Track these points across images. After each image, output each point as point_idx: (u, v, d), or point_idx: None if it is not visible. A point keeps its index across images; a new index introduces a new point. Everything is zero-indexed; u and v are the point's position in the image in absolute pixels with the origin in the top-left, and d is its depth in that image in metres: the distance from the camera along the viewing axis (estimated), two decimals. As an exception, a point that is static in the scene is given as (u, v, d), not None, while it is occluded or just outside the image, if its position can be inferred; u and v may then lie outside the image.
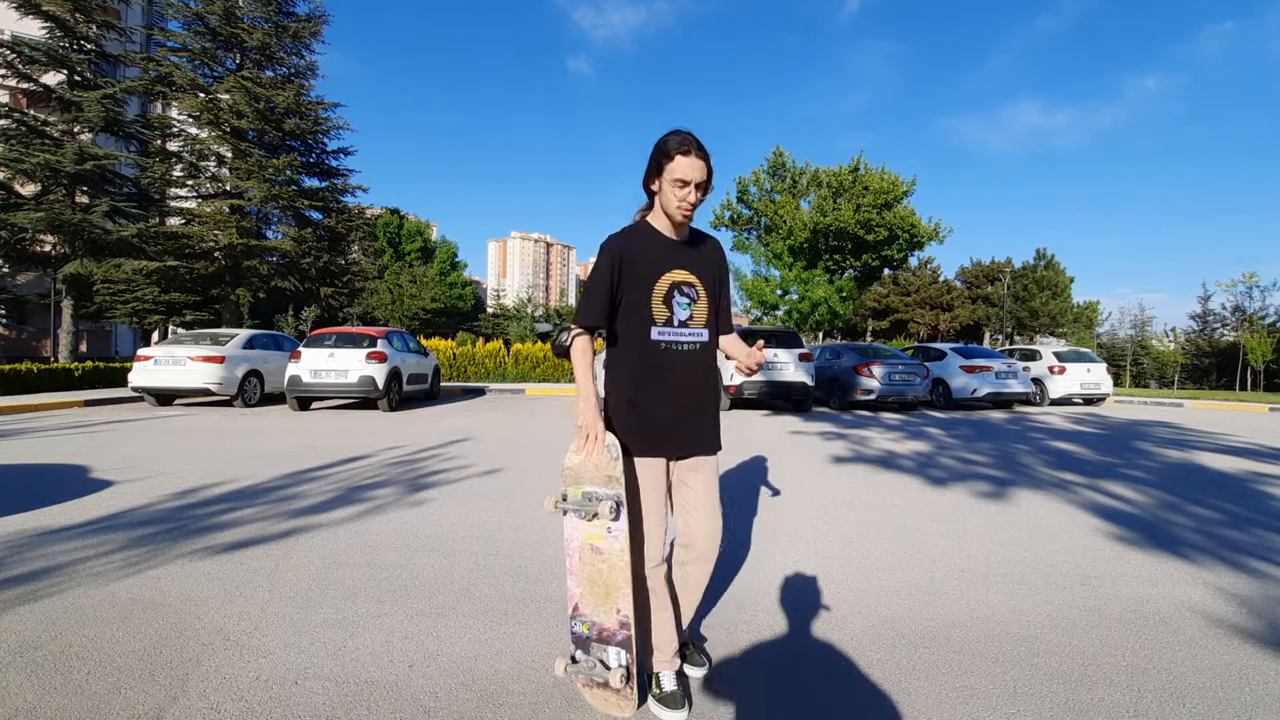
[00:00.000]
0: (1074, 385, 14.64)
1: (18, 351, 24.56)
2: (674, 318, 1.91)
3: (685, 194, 1.83)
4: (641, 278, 1.88)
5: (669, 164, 1.82)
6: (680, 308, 1.92)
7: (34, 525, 3.67)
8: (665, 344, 1.90)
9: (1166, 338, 47.77)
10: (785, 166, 30.35)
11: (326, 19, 19.26)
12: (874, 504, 4.60)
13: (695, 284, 1.95)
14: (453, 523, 3.89)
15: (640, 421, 1.90)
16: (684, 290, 1.92)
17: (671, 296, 1.90)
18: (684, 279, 1.93)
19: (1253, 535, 3.88)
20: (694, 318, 1.94)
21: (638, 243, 1.91)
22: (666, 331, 1.90)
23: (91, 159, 17.43)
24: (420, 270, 49.93)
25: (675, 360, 1.91)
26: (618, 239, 1.92)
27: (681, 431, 1.93)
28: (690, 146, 1.81)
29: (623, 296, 1.89)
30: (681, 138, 1.83)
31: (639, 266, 1.88)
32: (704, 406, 1.97)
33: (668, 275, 1.91)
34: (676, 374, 1.91)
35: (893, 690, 2.02)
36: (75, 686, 1.95)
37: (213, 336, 11.43)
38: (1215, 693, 2.03)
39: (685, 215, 1.87)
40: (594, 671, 1.85)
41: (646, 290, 1.88)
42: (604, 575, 1.84)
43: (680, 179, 1.82)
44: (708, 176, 1.86)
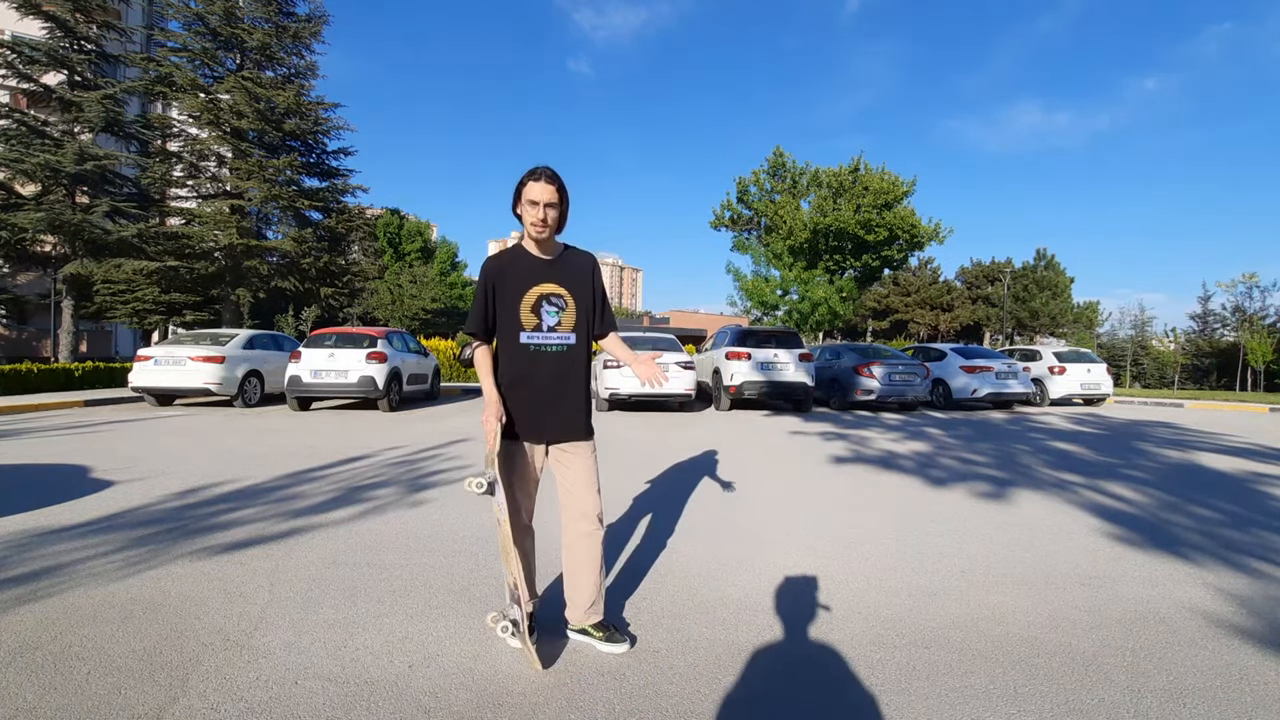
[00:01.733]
0: (1074, 385, 14.64)
1: (18, 351, 24.57)
2: (543, 324, 2.24)
3: (535, 213, 2.15)
4: (512, 292, 2.23)
5: (524, 190, 2.16)
6: (549, 315, 2.25)
7: (34, 525, 3.67)
8: (534, 346, 2.24)
9: (1166, 338, 47.79)
10: (785, 167, 30.36)
11: (327, 19, 19.25)
12: (874, 504, 4.60)
13: (564, 295, 2.27)
14: (453, 523, 3.89)
15: (515, 411, 2.23)
16: (552, 300, 2.25)
17: (540, 306, 2.24)
18: (552, 291, 2.25)
19: (1253, 535, 3.88)
20: (562, 323, 2.26)
21: (510, 263, 2.27)
22: (535, 336, 2.24)
23: (91, 159, 17.43)
24: (420, 270, 49.93)
25: (544, 359, 2.24)
26: (493, 261, 2.29)
27: (551, 420, 2.25)
28: (540, 174, 2.16)
29: (498, 308, 2.24)
30: (533, 168, 2.18)
31: (510, 283, 2.24)
32: (571, 398, 2.28)
33: (536, 289, 2.24)
34: (545, 371, 2.24)
35: (893, 691, 2.02)
36: (75, 686, 1.96)
37: (213, 336, 11.43)
38: (1215, 693, 2.03)
39: (538, 232, 2.19)
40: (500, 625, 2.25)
41: (516, 302, 2.23)
42: (500, 541, 2.24)
43: (531, 200, 2.15)
44: (558, 199, 2.17)
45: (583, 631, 2.30)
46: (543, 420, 2.25)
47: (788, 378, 11.50)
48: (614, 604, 2.68)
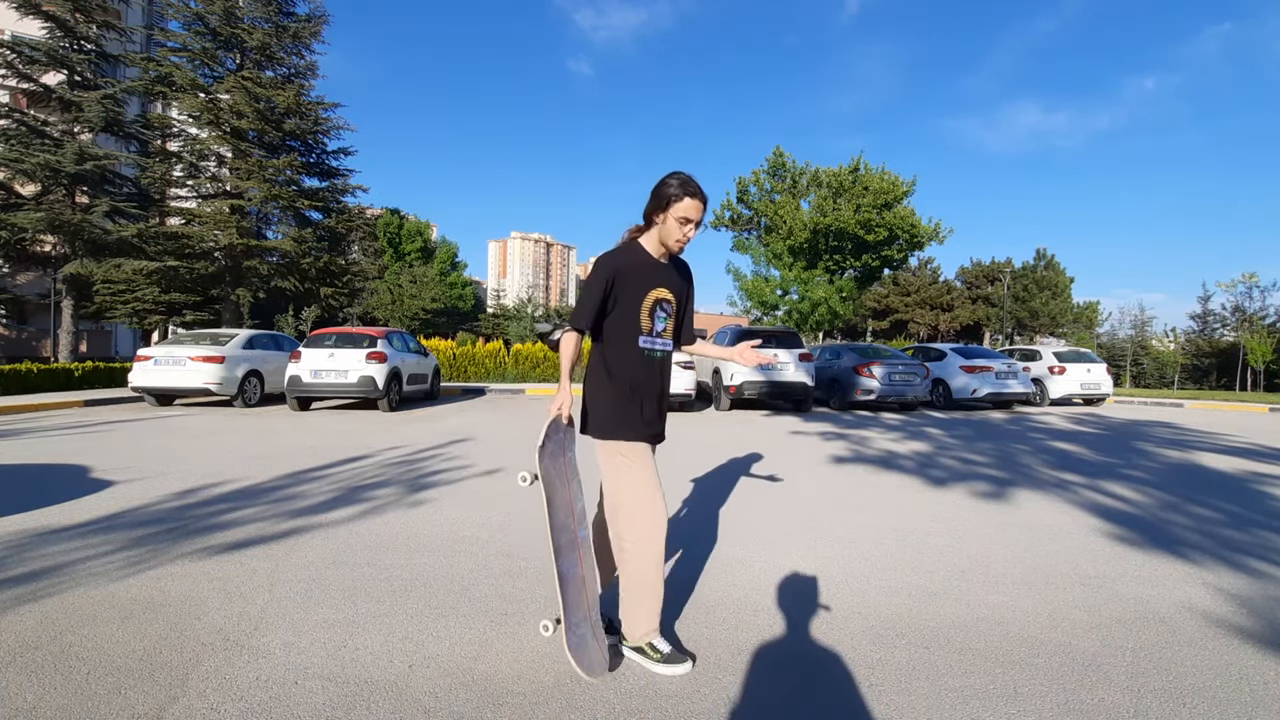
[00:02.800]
0: (1074, 385, 14.63)
1: (18, 351, 24.56)
2: (654, 328, 2.22)
3: (687, 230, 2.14)
4: (634, 292, 2.17)
5: (677, 203, 2.10)
6: (659, 320, 2.23)
7: (34, 525, 3.67)
8: (647, 350, 2.21)
9: (1166, 338, 47.77)
10: (785, 167, 30.35)
11: (326, 19, 19.25)
12: (874, 504, 4.60)
13: (672, 301, 2.26)
14: (453, 523, 3.89)
15: (634, 413, 2.19)
16: (663, 306, 2.24)
17: (655, 311, 2.21)
18: (664, 296, 2.23)
19: (1253, 535, 3.88)
20: (667, 329, 2.27)
21: (631, 261, 2.20)
22: (647, 340, 2.21)
23: (91, 159, 17.43)
24: (420, 270, 49.94)
25: (652, 364, 2.23)
26: (614, 257, 2.20)
27: (657, 422, 2.27)
28: (696, 190, 2.11)
29: (615, 307, 2.17)
30: (686, 180, 2.11)
31: (631, 282, 2.17)
32: (665, 403, 2.32)
33: (654, 292, 2.20)
34: (653, 375, 2.23)
35: (893, 691, 2.02)
36: (75, 686, 1.96)
37: (213, 336, 11.42)
38: (1215, 693, 2.03)
39: (681, 248, 2.20)
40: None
41: (637, 304, 2.17)
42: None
43: (685, 217, 2.11)
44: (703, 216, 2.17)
45: (639, 650, 2.20)
46: (654, 422, 2.25)
47: (788, 378, 11.50)
48: (613, 604, 2.67)
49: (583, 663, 2.00)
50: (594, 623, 2.15)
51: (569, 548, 2.15)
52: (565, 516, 2.18)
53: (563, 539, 2.13)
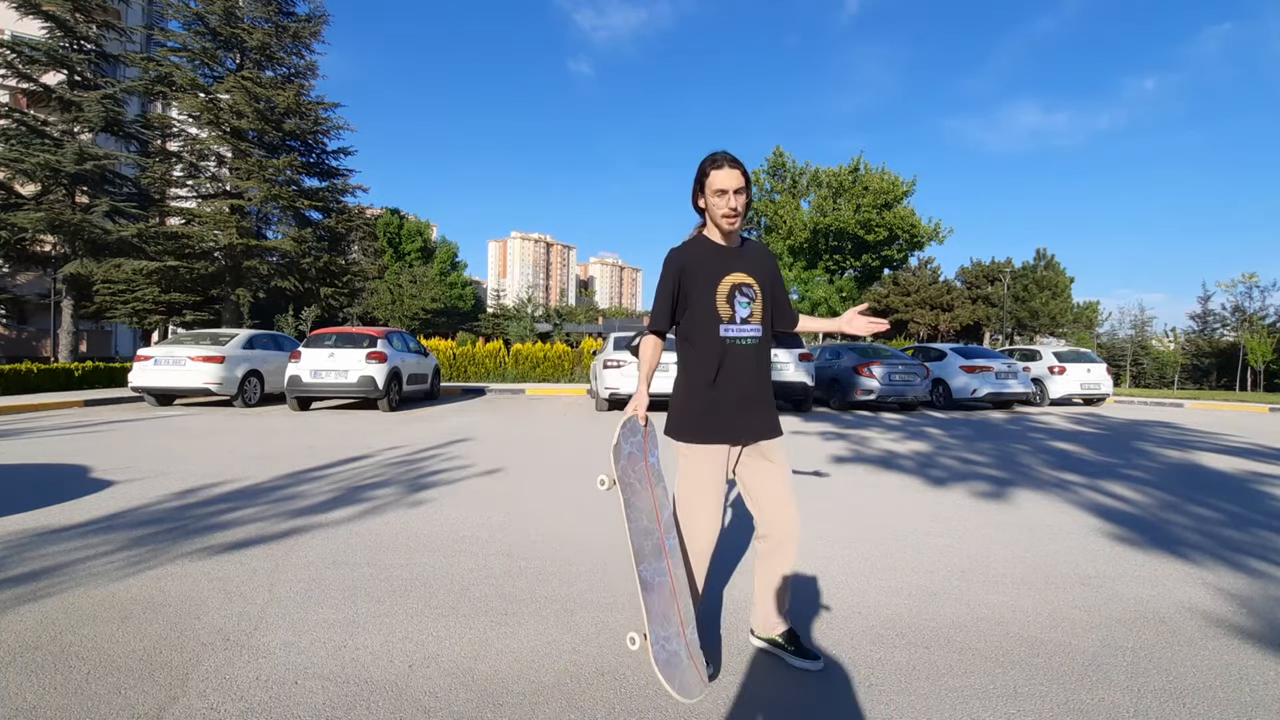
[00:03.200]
0: (1074, 385, 14.64)
1: (18, 351, 24.57)
2: (736, 315, 2.10)
3: (725, 201, 2.03)
4: (705, 282, 2.09)
5: (707, 180, 2.04)
6: (741, 306, 2.11)
7: (34, 525, 3.67)
8: (730, 339, 2.09)
9: (1166, 338, 47.77)
10: (785, 167, 30.36)
11: (326, 19, 19.26)
12: (874, 504, 4.60)
13: (753, 285, 2.14)
14: (453, 523, 3.89)
15: (703, 412, 2.09)
16: (744, 291, 2.12)
17: (733, 297, 2.10)
18: (743, 280, 2.12)
19: (1253, 535, 3.88)
20: (753, 315, 2.13)
21: (697, 252, 2.13)
22: (731, 328, 2.09)
23: (91, 159, 17.43)
24: (420, 270, 49.96)
25: (739, 354, 2.09)
26: (679, 252, 2.14)
27: (748, 419, 2.11)
28: (722, 160, 2.03)
29: (690, 300, 2.10)
30: (713, 155, 2.05)
31: (702, 272, 2.10)
32: (764, 395, 2.16)
33: (728, 278, 2.10)
34: (740, 366, 2.10)
35: (893, 691, 2.02)
36: (75, 686, 1.95)
37: (213, 336, 11.43)
38: (1215, 693, 2.03)
39: (730, 221, 2.06)
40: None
41: (710, 293, 2.08)
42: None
43: (719, 189, 2.03)
44: (745, 183, 2.05)
45: (771, 641, 2.21)
46: (743, 420, 2.10)
47: (787, 377, 11.50)
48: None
49: (672, 680, 1.89)
50: (689, 639, 2.01)
51: (653, 554, 2.05)
52: (649, 521, 2.08)
53: (645, 544, 2.04)
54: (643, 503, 2.10)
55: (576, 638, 2.36)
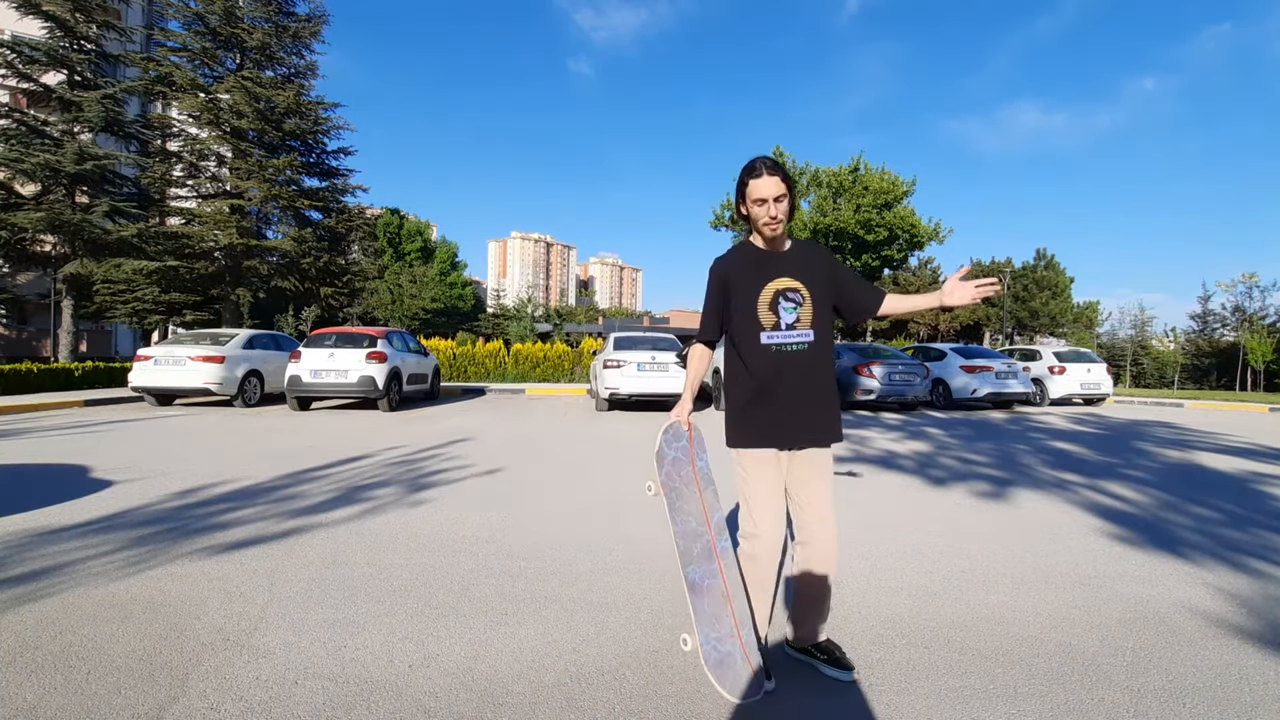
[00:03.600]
0: (1074, 385, 14.64)
1: (18, 351, 24.56)
2: (781, 322, 2.07)
3: (765, 210, 2.03)
4: (747, 290, 2.10)
5: (747, 189, 2.05)
6: (786, 312, 2.08)
7: (34, 525, 3.67)
8: (775, 346, 2.07)
9: (1166, 338, 47.77)
10: (785, 167, 30.34)
11: (326, 19, 19.24)
12: (874, 504, 4.60)
13: (800, 289, 2.09)
14: (453, 523, 3.89)
15: (753, 418, 2.09)
16: (789, 296, 2.08)
17: (777, 303, 2.08)
18: (788, 286, 2.09)
19: (1253, 535, 3.88)
20: (800, 320, 2.08)
21: (740, 260, 2.14)
22: (775, 335, 2.07)
23: (91, 159, 17.42)
24: (420, 270, 49.99)
25: (786, 360, 2.07)
26: (722, 261, 2.17)
27: (794, 425, 2.08)
28: (760, 168, 2.02)
29: (734, 309, 2.12)
30: (751, 163, 2.05)
31: (745, 280, 2.11)
32: (815, 401, 2.10)
33: (771, 284, 2.08)
34: (789, 373, 2.06)
35: (893, 690, 2.02)
36: (75, 686, 1.96)
37: (213, 336, 11.43)
38: (1215, 693, 2.03)
39: (772, 230, 2.06)
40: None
41: (753, 300, 2.09)
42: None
43: (759, 198, 2.03)
44: (787, 190, 2.03)
45: (805, 651, 2.19)
46: (789, 425, 2.07)
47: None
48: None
49: (724, 681, 1.91)
50: (744, 640, 2.01)
51: (703, 556, 2.06)
52: (697, 524, 2.11)
53: (694, 546, 2.06)
54: (690, 506, 2.12)
55: (576, 638, 2.36)
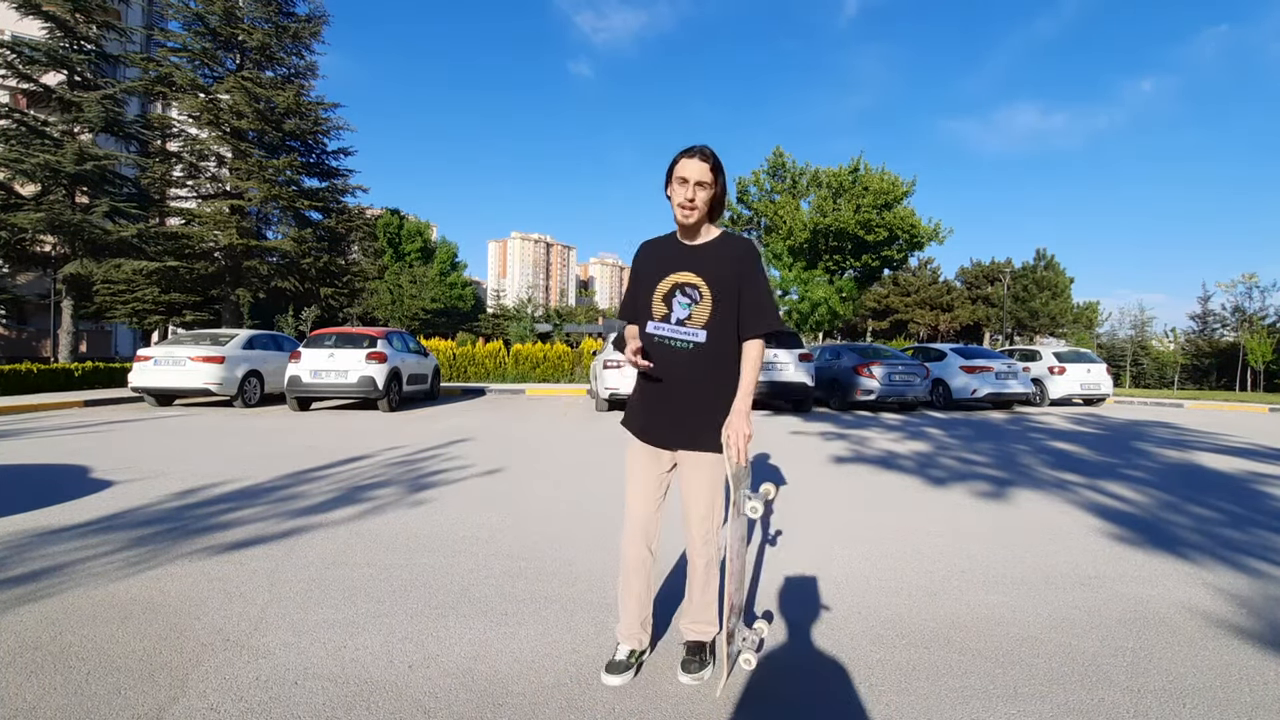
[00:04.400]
0: (1074, 386, 14.64)
1: (18, 351, 24.56)
2: (672, 315, 2.02)
3: (684, 191, 1.95)
4: (652, 276, 2.08)
5: (675, 167, 1.98)
6: (680, 307, 2.01)
7: (34, 525, 3.67)
8: (659, 338, 2.03)
9: (1166, 338, 47.77)
10: (785, 167, 30.37)
11: (326, 19, 19.25)
12: (874, 504, 4.60)
13: (699, 286, 2.00)
14: (453, 523, 3.89)
15: (637, 408, 2.12)
16: (685, 291, 2.01)
17: (672, 296, 2.03)
18: (687, 280, 2.01)
19: (1253, 535, 3.88)
20: (693, 318, 2.00)
21: (656, 247, 2.14)
22: (662, 327, 2.03)
23: (91, 159, 17.42)
24: (420, 270, 49.97)
25: (670, 356, 2.02)
26: (645, 245, 2.17)
27: (671, 424, 2.04)
28: (694, 151, 1.97)
29: (639, 294, 2.12)
30: (689, 147, 1.99)
31: (651, 267, 2.10)
32: (695, 403, 2.00)
33: (672, 276, 2.04)
34: (670, 369, 2.02)
35: (893, 691, 2.02)
36: (75, 686, 1.95)
37: (213, 337, 11.43)
38: (1215, 693, 2.03)
39: (686, 214, 1.98)
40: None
41: (651, 289, 2.07)
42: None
43: (681, 176, 1.95)
44: (712, 180, 1.96)
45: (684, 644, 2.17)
46: (666, 424, 2.03)
47: (788, 378, 11.50)
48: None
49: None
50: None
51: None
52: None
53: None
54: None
55: (576, 638, 2.36)
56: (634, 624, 2.10)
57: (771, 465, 6.14)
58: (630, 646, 2.10)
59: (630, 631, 2.10)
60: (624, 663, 2.06)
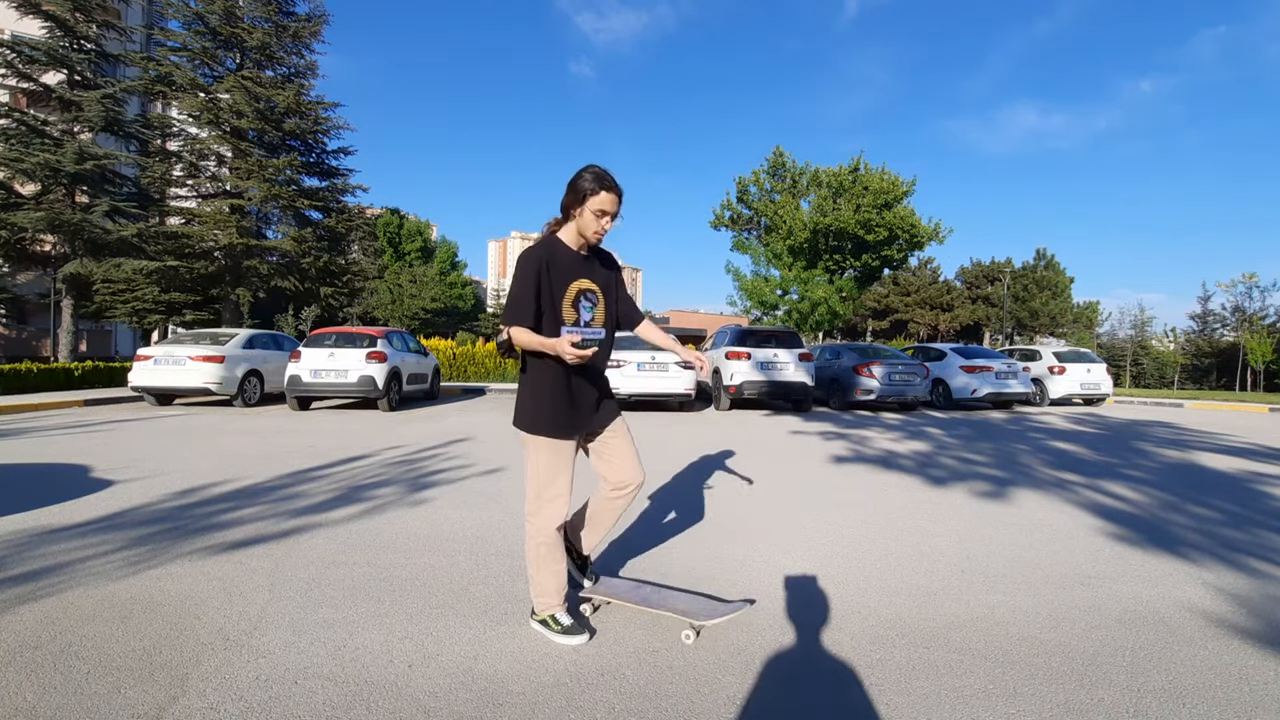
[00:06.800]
0: (1074, 385, 14.64)
1: (18, 351, 24.55)
2: (580, 319, 2.30)
3: (603, 223, 2.25)
4: (556, 284, 2.25)
5: (593, 197, 2.20)
6: (585, 310, 2.31)
7: (34, 525, 3.67)
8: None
9: (1166, 338, 47.78)
10: (785, 166, 30.35)
11: (326, 19, 19.25)
12: (874, 504, 4.60)
13: (596, 291, 2.34)
14: (453, 523, 3.89)
15: (565, 407, 2.29)
16: (588, 296, 2.32)
17: (579, 301, 2.29)
18: (588, 287, 2.32)
19: (1252, 535, 3.88)
20: (595, 318, 2.34)
21: (554, 255, 2.27)
22: (575, 330, 2.27)
23: (91, 159, 17.41)
24: (420, 270, 49.93)
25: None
26: (538, 251, 2.26)
27: (594, 411, 2.39)
28: (611, 184, 2.21)
29: (543, 300, 2.24)
30: (602, 174, 2.22)
31: (554, 275, 2.25)
32: (604, 389, 2.45)
33: (575, 284, 2.28)
34: (588, 365, 2.29)
35: (893, 690, 2.02)
36: (75, 686, 1.95)
37: (213, 336, 11.42)
38: (1215, 693, 2.03)
39: (599, 239, 2.31)
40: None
41: (559, 295, 2.25)
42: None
43: (601, 209, 2.21)
44: (618, 210, 2.27)
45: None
46: (590, 412, 2.37)
47: (788, 377, 11.50)
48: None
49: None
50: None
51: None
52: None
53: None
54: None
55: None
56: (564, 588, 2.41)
57: (771, 465, 6.14)
58: (567, 607, 2.42)
59: (563, 595, 2.40)
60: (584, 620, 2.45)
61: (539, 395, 2.29)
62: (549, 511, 2.33)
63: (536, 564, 2.35)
